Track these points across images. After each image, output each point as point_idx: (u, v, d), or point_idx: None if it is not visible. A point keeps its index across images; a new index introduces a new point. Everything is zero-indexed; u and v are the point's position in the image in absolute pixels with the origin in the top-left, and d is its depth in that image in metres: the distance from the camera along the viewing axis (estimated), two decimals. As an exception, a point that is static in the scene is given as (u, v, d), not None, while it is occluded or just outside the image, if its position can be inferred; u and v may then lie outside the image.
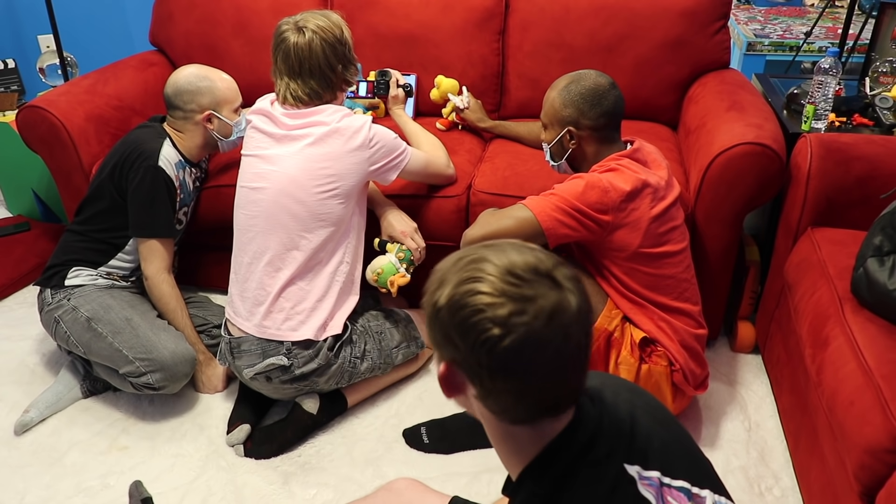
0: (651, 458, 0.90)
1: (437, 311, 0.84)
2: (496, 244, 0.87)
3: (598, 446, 0.88)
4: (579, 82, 1.65)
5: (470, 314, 0.81)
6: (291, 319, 1.79)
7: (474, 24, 2.42)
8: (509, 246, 0.86)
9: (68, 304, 1.91)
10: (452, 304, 0.82)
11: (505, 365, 0.81)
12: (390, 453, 1.82)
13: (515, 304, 0.80)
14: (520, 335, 0.79)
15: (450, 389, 0.89)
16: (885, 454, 1.27)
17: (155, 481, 1.75)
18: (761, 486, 1.71)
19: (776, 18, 3.66)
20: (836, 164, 1.82)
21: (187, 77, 1.94)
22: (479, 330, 0.80)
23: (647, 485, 0.88)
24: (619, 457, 0.88)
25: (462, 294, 0.82)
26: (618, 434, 0.90)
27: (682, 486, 0.91)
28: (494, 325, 0.80)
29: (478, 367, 0.82)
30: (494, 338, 0.80)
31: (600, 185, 1.57)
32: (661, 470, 0.90)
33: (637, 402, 0.97)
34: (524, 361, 0.81)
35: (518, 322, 0.79)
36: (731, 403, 1.95)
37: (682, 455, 0.95)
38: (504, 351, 0.80)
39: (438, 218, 2.07)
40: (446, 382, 0.89)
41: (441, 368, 0.88)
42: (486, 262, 0.83)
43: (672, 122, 2.42)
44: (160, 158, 1.91)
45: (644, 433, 0.92)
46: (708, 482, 0.95)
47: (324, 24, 1.78)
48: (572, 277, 0.84)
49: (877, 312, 1.52)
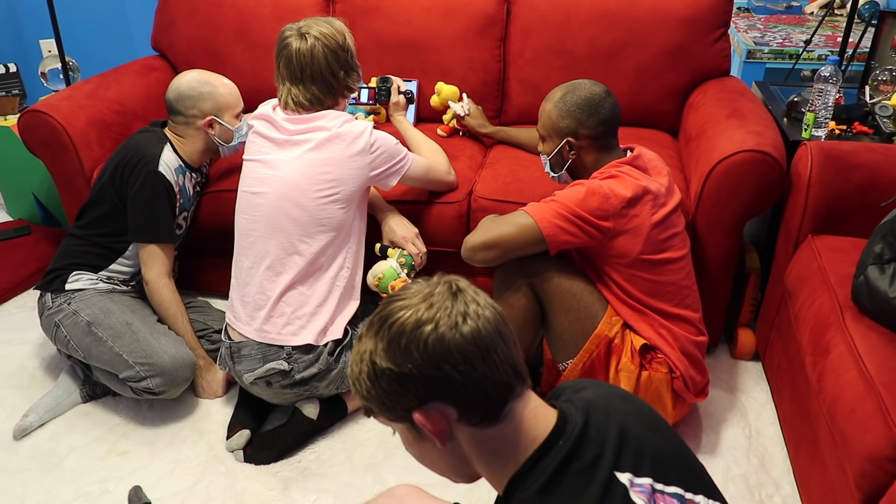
0: (643, 464, 0.90)
1: (377, 362, 0.87)
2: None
3: (584, 453, 0.88)
4: (574, 92, 1.66)
5: (400, 333, 0.85)
6: (292, 324, 1.79)
7: (476, 31, 2.43)
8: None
9: (69, 309, 1.91)
10: (391, 341, 0.85)
11: (464, 356, 0.84)
12: (390, 459, 1.82)
13: (424, 302, 0.86)
14: (445, 325, 0.85)
15: (441, 437, 0.89)
16: (887, 462, 1.27)
17: (154, 486, 1.74)
18: (762, 493, 1.71)
19: (776, 26, 3.67)
20: (836, 171, 1.82)
21: (189, 82, 1.95)
22: (418, 341, 0.84)
23: (639, 491, 0.88)
24: (608, 464, 0.88)
25: (390, 325, 0.86)
26: (606, 441, 0.90)
27: (675, 493, 0.91)
28: (429, 325, 0.84)
29: (438, 373, 0.85)
30: (436, 337, 0.84)
31: (601, 192, 1.57)
32: (653, 476, 0.90)
33: (629, 410, 0.97)
34: (468, 345, 0.85)
35: (436, 316, 0.85)
36: (732, 410, 1.95)
37: (674, 461, 0.95)
38: (447, 343, 0.84)
39: (439, 224, 2.07)
40: (436, 430, 0.88)
41: (418, 421, 0.87)
42: (396, 307, 0.88)
43: (672, 129, 2.43)
44: (160, 163, 1.91)
45: (635, 440, 0.92)
46: (701, 488, 0.94)
47: (327, 31, 1.79)
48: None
49: (877, 320, 1.52)
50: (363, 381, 0.89)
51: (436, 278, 0.91)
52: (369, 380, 0.88)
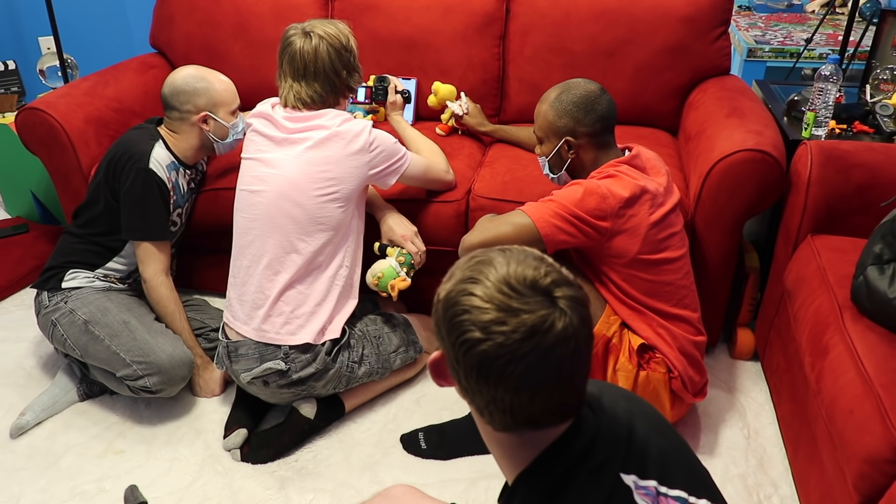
0: (648, 467, 0.90)
1: (437, 302, 0.88)
2: (512, 250, 0.88)
3: (596, 454, 0.88)
4: (570, 91, 1.65)
5: (458, 312, 0.84)
6: (290, 323, 1.79)
7: (475, 29, 2.42)
8: (521, 255, 0.87)
9: (65, 307, 1.90)
10: (448, 300, 0.86)
11: (479, 369, 0.83)
12: (388, 459, 1.81)
13: (499, 314, 0.82)
14: (495, 344, 0.81)
15: (435, 376, 0.94)
16: (885, 464, 1.26)
17: (151, 486, 1.74)
18: (760, 494, 1.70)
19: (777, 25, 3.66)
20: (836, 171, 1.82)
21: (184, 78, 1.94)
22: (462, 330, 0.83)
23: (644, 494, 0.87)
24: (616, 465, 0.88)
25: (458, 292, 0.85)
26: (615, 442, 0.90)
27: (679, 496, 0.90)
28: (476, 328, 0.82)
29: (456, 363, 0.85)
30: (472, 340, 0.82)
31: (599, 192, 1.56)
32: (658, 479, 0.90)
33: (634, 411, 0.96)
34: (496, 370, 0.82)
35: (496, 330, 0.81)
36: (730, 411, 1.95)
37: (679, 464, 0.94)
38: (479, 355, 0.82)
39: (438, 222, 2.06)
40: (434, 368, 0.93)
41: (434, 355, 0.92)
42: (491, 266, 0.85)
43: (672, 127, 2.42)
44: (151, 160, 1.90)
45: (641, 442, 0.92)
46: (705, 492, 0.94)
47: (331, 31, 1.79)
48: (573, 299, 0.84)
49: (877, 321, 1.52)
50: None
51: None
52: (437, 303, 0.89)
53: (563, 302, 0.83)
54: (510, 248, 0.89)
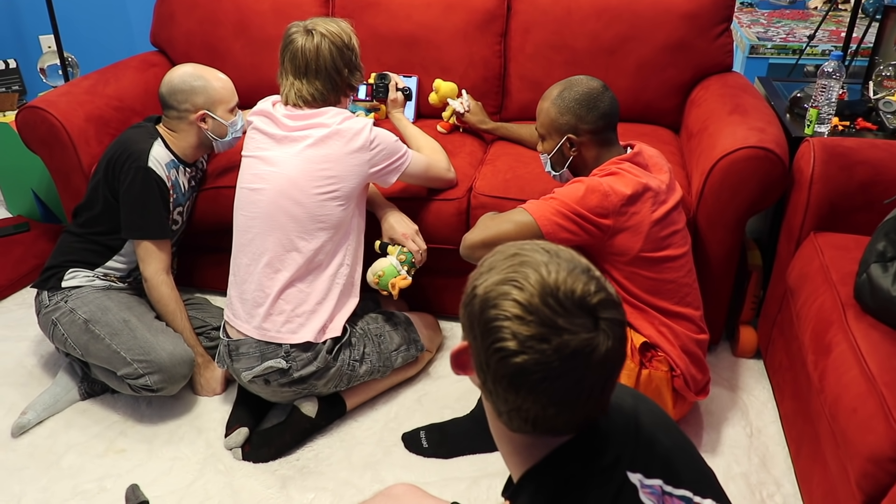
0: (654, 465, 0.89)
1: (473, 296, 0.84)
2: (559, 254, 0.84)
3: (607, 453, 0.87)
4: (572, 88, 1.65)
5: (496, 317, 0.80)
6: (291, 322, 1.78)
7: (476, 26, 2.41)
8: (569, 263, 0.82)
9: (66, 307, 1.90)
10: (486, 300, 0.81)
11: (509, 379, 0.80)
12: (389, 457, 1.81)
13: (541, 329, 0.78)
14: (532, 359, 0.78)
15: (457, 367, 0.89)
16: (888, 463, 1.26)
17: (152, 484, 1.74)
18: (763, 492, 1.69)
19: (779, 21, 3.65)
20: (839, 168, 1.81)
21: (182, 76, 1.94)
22: (499, 337, 0.79)
23: (649, 493, 0.87)
24: (624, 465, 0.87)
25: (498, 294, 0.81)
26: (624, 442, 0.89)
27: (684, 495, 0.90)
28: (515, 339, 0.78)
29: (486, 366, 0.82)
30: (507, 350, 0.79)
31: (601, 189, 1.56)
32: (663, 478, 0.89)
33: (640, 409, 0.96)
34: (528, 384, 0.79)
35: (536, 347, 0.78)
36: (733, 409, 1.94)
37: (684, 463, 0.94)
38: (514, 367, 0.79)
39: (439, 221, 2.06)
40: (456, 359, 0.89)
41: (458, 346, 0.88)
42: (534, 270, 0.81)
43: (674, 125, 2.41)
44: (150, 159, 1.90)
45: (647, 440, 0.91)
46: (710, 491, 0.93)
47: (333, 29, 1.79)
48: (615, 322, 0.80)
49: (880, 319, 1.51)
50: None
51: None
52: (473, 297, 0.84)
53: (606, 324, 0.79)
54: (555, 249, 0.85)
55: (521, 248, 0.85)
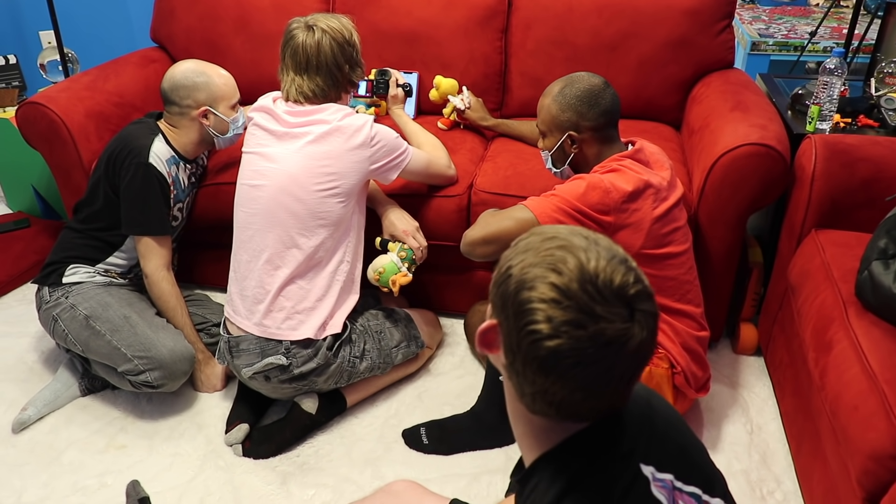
0: (666, 460, 0.89)
1: (507, 276, 0.83)
2: (598, 242, 0.82)
3: (622, 443, 0.87)
4: (573, 85, 1.64)
5: (532, 299, 0.79)
6: (292, 319, 1.78)
7: (477, 22, 2.41)
8: (608, 252, 0.81)
9: (66, 302, 1.90)
10: (522, 280, 0.80)
11: (540, 362, 0.79)
12: (389, 454, 1.81)
13: (578, 315, 0.77)
14: (566, 344, 0.77)
15: (482, 345, 0.88)
16: (889, 460, 1.26)
17: (152, 481, 1.74)
18: (763, 489, 1.69)
19: (781, 18, 3.64)
20: (840, 165, 1.80)
21: (184, 72, 1.93)
22: (533, 319, 0.78)
23: (660, 486, 0.87)
24: (638, 456, 0.87)
25: (534, 276, 0.80)
26: (639, 433, 0.89)
27: (694, 492, 0.90)
28: (548, 322, 0.78)
29: (516, 348, 0.81)
30: (541, 333, 0.78)
31: (602, 186, 1.55)
32: (674, 473, 0.89)
33: (654, 404, 0.96)
34: (559, 369, 0.79)
35: (571, 332, 0.77)
36: (733, 406, 1.94)
37: (694, 461, 0.94)
38: (546, 350, 0.78)
39: (439, 217, 2.06)
40: (483, 337, 0.87)
41: (486, 323, 0.86)
42: (573, 255, 0.80)
43: (675, 121, 2.41)
44: (150, 155, 1.90)
45: (661, 435, 0.91)
46: (719, 490, 0.94)
47: (334, 25, 1.79)
48: (649, 314, 0.80)
49: (881, 316, 1.51)
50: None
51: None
52: (507, 276, 0.83)
53: (642, 316, 0.79)
54: (594, 236, 0.83)
55: (558, 232, 0.84)
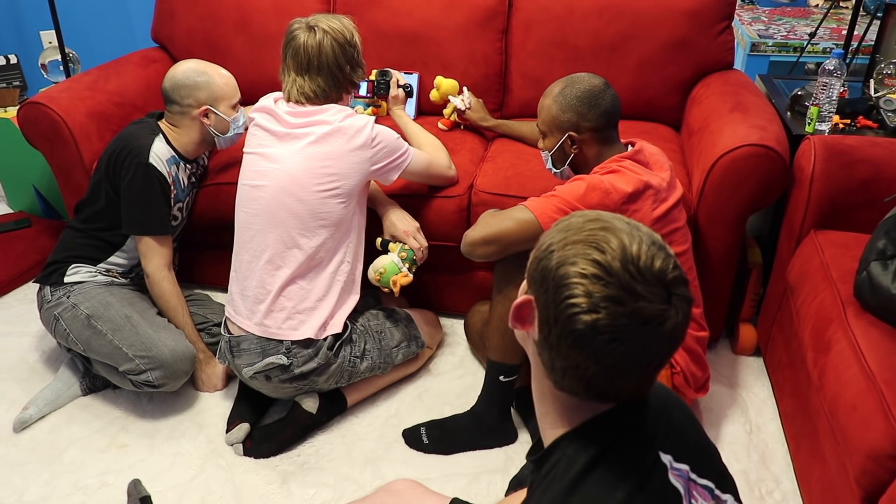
0: (683, 451, 0.90)
1: (549, 251, 0.84)
2: (639, 227, 0.84)
3: (644, 428, 0.88)
4: (573, 86, 1.65)
5: (574, 274, 0.80)
6: (292, 319, 1.79)
7: (477, 23, 2.41)
8: (648, 238, 0.83)
9: (68, 302, 1.91)
10: (564, 255, 0.82)
11: (575, 337, 0.81)
12: (390, 453, 1.82)
13: (619, 291, 0.79)
14: (602, 320, 0.79)
15: (516, 320, 0.89)
16: (888, 460, 1.26)
17: (154, 480, 1.74)
18: (762, 489, 1.70)
19: (780, 19, 3.64)
20: (839, 166, 1.81)
21: (185, 72, 1.94)
22: (573, 293, 0.80)
23: (677, 475, 0.88)
24: (658, 443, 0.88)
25: (577, 253, 0.81)
26: (658, 422, 0.90)
27: (707, 486, 0.92)
28: (587, 297, 0.79)
29: (553, 320, 0.82)
30: (583, 308, 0.79)
31: (601, 187, 1.56)
32: (690, 465, 0.90)
33: (670, 396, 0.97)
34: (594, 344, 0.80)
35: (611, 308, 0.78)
36: (732, 406, 1.95)
37: (708, 457, 0.95)
38: (584, 324, 0.79)
39: (440, 218, 2.06)
40: (517, 312, 0.88)
41: (521, 298, 0.88)
42: (615, 236, 0.81)
43: (675, 122, 2.41)
44: (151, 155, 1.90)
45: (678, 427, 0.93)
46: (731, 489, 0.95)
47: (335, 26, 1.79)
48: (685, 299, 0.82)
49: (880, 316, 1.51)
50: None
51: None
52: (549, 252, 0.85)
53: (678, 300, 0.81)
54: (635, 222, 0.85)
55: (601, 215, 0.86)
